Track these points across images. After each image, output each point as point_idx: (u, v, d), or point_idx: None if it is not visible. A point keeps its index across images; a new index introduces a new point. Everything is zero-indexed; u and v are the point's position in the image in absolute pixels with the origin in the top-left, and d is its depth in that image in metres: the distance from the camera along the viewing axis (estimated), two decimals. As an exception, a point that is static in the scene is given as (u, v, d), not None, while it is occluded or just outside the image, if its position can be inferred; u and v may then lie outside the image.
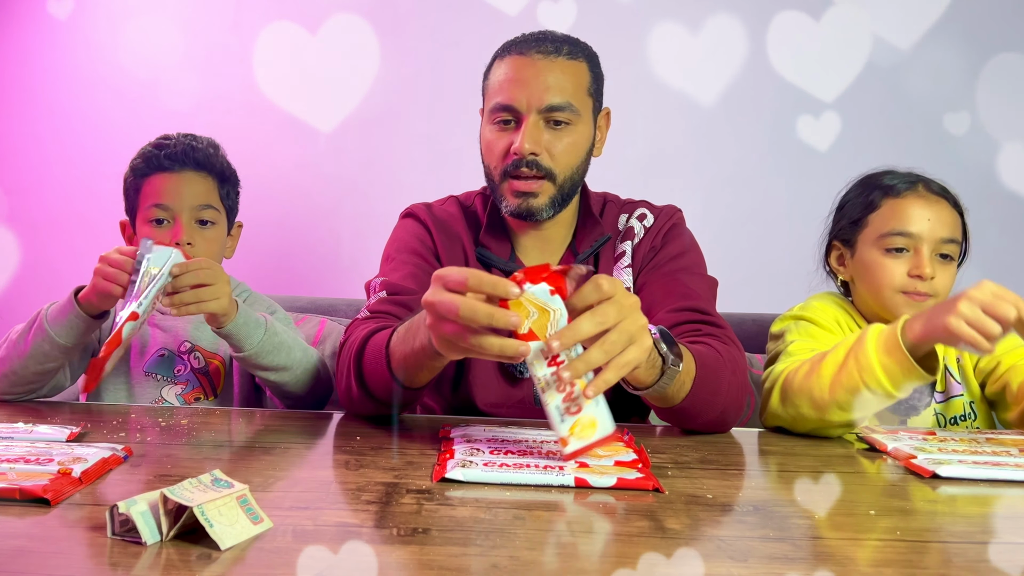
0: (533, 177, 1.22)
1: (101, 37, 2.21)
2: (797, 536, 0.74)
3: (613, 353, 0.85)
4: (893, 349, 1.05)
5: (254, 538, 0.67)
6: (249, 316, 1.24)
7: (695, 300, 1.20)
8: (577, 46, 1.26)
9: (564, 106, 1.21)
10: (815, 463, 1.01)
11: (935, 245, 1.28)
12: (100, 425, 1.06)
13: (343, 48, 2.22)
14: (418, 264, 1.28)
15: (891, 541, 0.73)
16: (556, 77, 1.21)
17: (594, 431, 0.87)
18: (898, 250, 1.29)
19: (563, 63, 1.22)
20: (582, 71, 1.24)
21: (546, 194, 1.23)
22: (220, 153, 1.43)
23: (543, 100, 1.20)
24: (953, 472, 0.93)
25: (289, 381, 1.28)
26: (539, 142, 1.21)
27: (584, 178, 1.29)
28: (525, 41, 1.25)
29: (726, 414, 1.11)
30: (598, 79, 1.28)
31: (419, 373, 1.02)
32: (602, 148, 1.32)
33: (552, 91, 1.20)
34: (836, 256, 1.39)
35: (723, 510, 0.80)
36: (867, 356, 1.07)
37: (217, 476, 0.71)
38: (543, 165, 1.22)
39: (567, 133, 1.22)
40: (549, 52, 1.22)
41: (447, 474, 0.85)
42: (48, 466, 0.82)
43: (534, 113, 1.21)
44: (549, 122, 1.22)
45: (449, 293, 0.85)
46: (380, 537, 0.70)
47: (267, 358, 1.25)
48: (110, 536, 0.67)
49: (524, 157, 1.21)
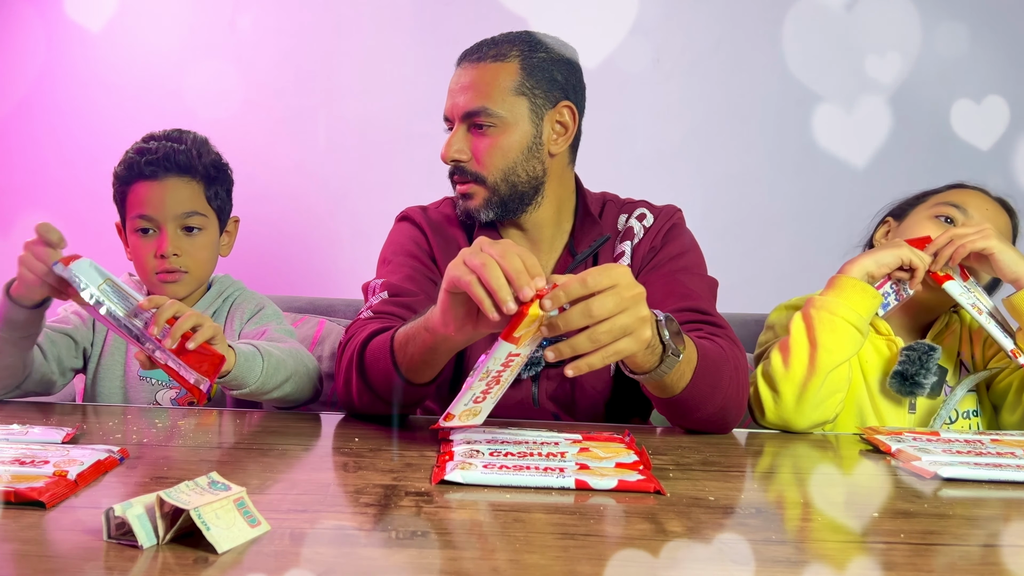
0: (465, 181, 1.26)
1: (96, 34, 2.20)
2: (800, 539, 0.74)
3: (602, 343, 0.87)
4: (835, 281, 1.24)
5: (251, 541, 0.67)
6: (243, 352, 1.15)
7: (695, 300, 1.20)
8: (513, 46, 1.24)
9: (479, 111, 1.22)
10: (818, 465, 1.01)
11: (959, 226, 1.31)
12: (96, 427, 1.06)
13: (342, 48, 2.22)
14: (415, 267, 1.28)
15: (895, 544, 0.73)
16: (475, 83, 1.22)
17: (473, 419, 0.96)
18: (947, 219, 1.32)
19: (484, 67, 1.23)
20: (507, 71, 1.22)
21: (479, 196, 1.25)
22: (207, 151, 1.38)
23: (462, 108, 1.23)
24: (956, 473, 0.93)
25: (291, 392, 1.25)
26: (461, 149, 1.24)
27: (536, 176, 1.26)
28: (466, 50, 1.27)
29: (726, 411, 1.11)
30: (541, 74, 1.23)
31: (422, 362, 1.03)
32: (565, 144, 1.27)
33: (468, 97, 1.22)
34: (884, 232, 1.42)
35: (725, 512, 0.80)
36: (824, 300, 1.22)
37: (214, 478, 0.71)
38: (468, 171, 1.25)
39: (491, 136, 1.23)
40: (474, 59, 1.24)
41: (446, 476, 0.85)
42: (43, 468, 0.82)
43: (458, 121, 1.24)
44: (472, 127, 1.24)
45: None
46: (379, 540, 0.70)
47: (270, 384, 1.19)
48: (106, 539, 0.66)
49: (449, 164, 1.25)
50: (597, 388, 1.27)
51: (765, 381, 1.21)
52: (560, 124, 1.26)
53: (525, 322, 0.85)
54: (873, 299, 1.22)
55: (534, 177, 1.26)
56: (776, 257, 2.23)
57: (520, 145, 1.24)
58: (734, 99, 2.23)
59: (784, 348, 1.22)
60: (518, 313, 0.85)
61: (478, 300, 0.86)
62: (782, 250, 2.24)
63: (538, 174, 1.26)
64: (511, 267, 0.85)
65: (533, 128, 1.24)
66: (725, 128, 2.23)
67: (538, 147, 1.25)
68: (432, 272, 1.29)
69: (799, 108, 2.20)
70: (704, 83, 2.23)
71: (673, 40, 2.22)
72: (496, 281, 0.85)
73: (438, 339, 0.98)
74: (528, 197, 1.27)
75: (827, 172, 2.20)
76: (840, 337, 1.19)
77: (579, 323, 0.86)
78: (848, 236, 1.48)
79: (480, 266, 0.86)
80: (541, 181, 1.27)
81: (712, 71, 2.23)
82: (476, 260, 0.87)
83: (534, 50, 1.24)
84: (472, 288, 0.87)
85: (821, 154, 2.20)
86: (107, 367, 1.37)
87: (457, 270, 0.89)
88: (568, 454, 0.95)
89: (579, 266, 1.29)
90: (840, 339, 1.19)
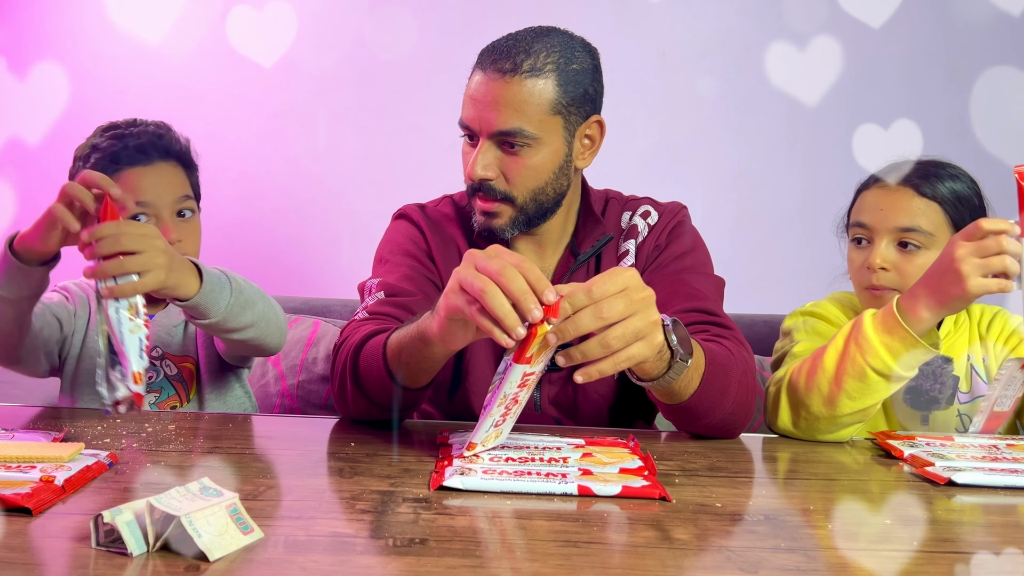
0: (491, 200, 1.22)
1: (83, 26, 2.21)
2: (810, 547, 0.73)
3: (614, 348, 0.86)
4: (894, 327, 1.07)
5: (244, 549, 0.67)
6: (212, 278, 1.10)
7: (702, 301, 1.20)
8: (549, 57, 1.18)
9: (515, 132, 1.18)
10: (828, 470, 1.01)
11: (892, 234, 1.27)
12: (84, 431, 1.06)
13: (336, 40, 2.22)
14: (413, 266, 1.27)
15: (908, 552, 0.73)
16: (509, 100, 1.17)
17: (496, 440, 0.97)
18: (859, 241, 1.31)
19: (519, 84, 1.17)
20: (545, 89, 1.18)
21: (506, 215, 1.23)
22: (177, 135, 1.37)
23: (493, 125, 1.18)
24: (970, 479, 0.93)
25: (255, 337, 1.20)
26: (491, 167, 1.20)
27: (562, 192, 1.25)
28: (491, 52, 1.21)
29: (735, 416, 1.11)
30: (575, 89, 1.20)
31: (417, 370, 1.02)
32: (592, 158, 1.27)
33: (503, 116, 1.17)
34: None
35: (733, 519, 0.80)
36: (867, 338, 1.09)
37: (206, 484, 0.71)
38: (497, 190, 1.21)
39: (524, 156, 1.19)
40: (506, 71, 1.17)
41: (445, 482, 0.85)
42: (30, 474, 0.82)
43: (486, 137, 1.20)
44: (503, 144, 1.20)
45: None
46: (375, 548, 0.70)
47: (235, 321, 1.14)
48: (94, 547, 0.66)
49: (475, 182, 1.21)
50: (601, 392, 1.27)
51: (787, 392, 1.17)
52: (588, 138, 1.25)
53: (536, 341, 0.85)
54: (925, 353, 1.08)
55: (560, 194, 1.25)
56: (786, 256, 2.23)
57: (552, 164, 1.21)
58: (742, 93, 2.22)
59: (812, 370, 1.14)
60: (528, 333, 0.85)
61: (486, 331, 0.85)
62: (792, 249, 2.23)
63: (564, 190, 1.25)
64: (515, 288, 0.83)
65: (565, 146, 1.22)
66: (733, 123, 2.23)
67: (568, 164, 1.23)
68: (430, 272, 1.29)
69: (810, 103, 2.20)
70: (712, 76, 2.23)
71: (680, 32, 2.22)
72: (501, 309, 0.83)
73: (435, 348, 0.98)
74: (551, 212, 1.26)
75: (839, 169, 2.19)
76: (868, 387, 1.10)
77: (589, 327, 0.86)
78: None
79: (481, 293, 0.84)
80: (565, 195, 1.26)
81: (720, 64, 2.23)
82: (476, 285, 0.84)
83: (568, 61, 1.20)
84: (478, 320, 0.85)
85: (833, 150, 2.20)
86: (87, 372, 1.35)
87: (457, 299, 0.87)
88: (571, 459, 0.95)
89: (581, 266, 1.28)
90: (867, 389, 1.10)
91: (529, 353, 0.86)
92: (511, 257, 0.86)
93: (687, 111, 2.23)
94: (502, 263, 0.85)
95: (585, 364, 0.88)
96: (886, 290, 1.27)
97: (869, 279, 1.28)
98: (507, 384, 0.89)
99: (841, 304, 1.39)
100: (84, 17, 2.20)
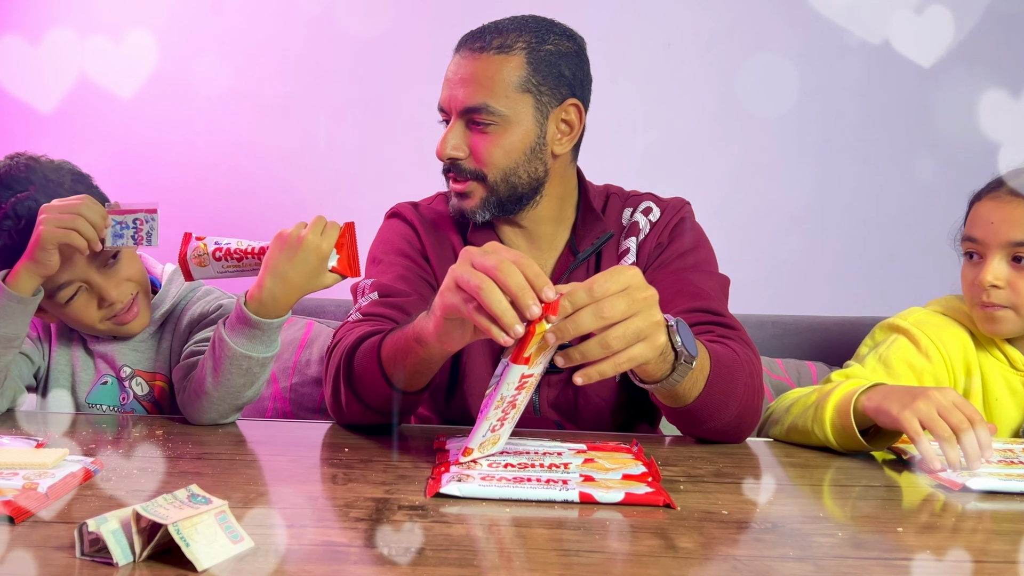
0: (463, 180, 1.24)
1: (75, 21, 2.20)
2: (819, 555, 0.73)
3: (614, 349, 0.86)
4: (844, 412, 1.08)
5: (234, 558, 0.67)
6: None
7: (706, 300, 1.20)
8: (521, 36, 1.20)
9: (480, 107, 1.19)
10: (838, 476, 1.01)
11: (1005, 249, 1.25)
12: (69, 437, 1.06)
13: (331, 32, 2.21)
14: (407, 266, 1.27)
15: (921, 561, 0.72)
16: (476, 76, 1.19)
17: (493, 447, 0.96)
18: (971, 256, 1.29)
19: (487, 59, 1.19)
20: (512, 66, 1.19)
21: (477, 195, 1.24)
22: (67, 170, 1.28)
23: (461, 102, 1.20)
24: (984, 485, 0.93)
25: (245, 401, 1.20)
26: (460, 146, 1.22)
27: (537, 177, 1.25)
28: (467, 35, 1.24)
29: (741, 420, 1.11)
30: (548, 69, 1.21)
31: (413, 372, 1.02)
32: (570, 144, 1.26)
33: (468, 91, 1.19)
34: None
35: (739, 527, 0.80)
36: (824, 408, 1.11)
37: (194, 491, 0.71)
38: (467, 169, 1.23)
39: (493, 134, 1.21)
40: (476, 48, 1.20)
41: (442, 489, 0.85)
42: (12, 481, 0.82)
43: (456, 116, 1.22)
44: (471, 123, 1.22)
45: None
46: (370, 557, 0.69)
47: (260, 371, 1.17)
48: (79, 557, 0.66)
49: (445, 161, 1.23)
50: (602, 395, 1.27)
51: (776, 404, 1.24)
52: (565, 123, 1.25)
53: (534, 340, 0.85)
54: (859, 448, 1.09)
55: (535, 179, 1.25)
56: (793, 254, 2.22)
57: (522, 145, 1.22)
58: (749, 86, 2.22)
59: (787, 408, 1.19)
60: (526, 332, 0.84)
61: (484, 329, 0.85)
62: (799, 247, 2.23)
63: (540, 175, 1.25)
64: (512, 284, 0.84)
65: (537, 128, 1.22)
66: (739, 117, 2.23)
67: (541, 148, 1.23)
68: (425, 271, 1.28)
69: (818, 97, 2.19)
70: (717, 69, 2.22)
71: (685, 23, 2.22)
72: (499, 306, 0.83)
73: (431, 350, 0.98)
74: (527, 198, 1.26)
75: (848, 165, 2.20)
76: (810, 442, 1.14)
77: (589, 326, 0.85)
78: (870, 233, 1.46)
79: (477, 290, 0.84)
80: (542, 182, 1.26)
81: (726, 56, 2.22)
82: (472, 282, 0.85)
83: (542, 41, 1.21)
84: (474, 317, 0.85)
85: (842, 145, 2.20)
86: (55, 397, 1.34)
87: (453, 297, 0.87)
88: (572, 465, 0.95)
89: (581, 265, 1.28)
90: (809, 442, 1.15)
91: (527, 353, 0.85)
92: (508, 253, 0.86)
93: (693, 104, 2.23)
94: (499, 259, 0.85)
95: (585, 365, 0.88)
96: (998, 307, 1.25)
97: (980, 296, 1.26)
98: (504, 386, 0.88)
99: (952, 317, 1.34)
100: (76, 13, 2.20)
